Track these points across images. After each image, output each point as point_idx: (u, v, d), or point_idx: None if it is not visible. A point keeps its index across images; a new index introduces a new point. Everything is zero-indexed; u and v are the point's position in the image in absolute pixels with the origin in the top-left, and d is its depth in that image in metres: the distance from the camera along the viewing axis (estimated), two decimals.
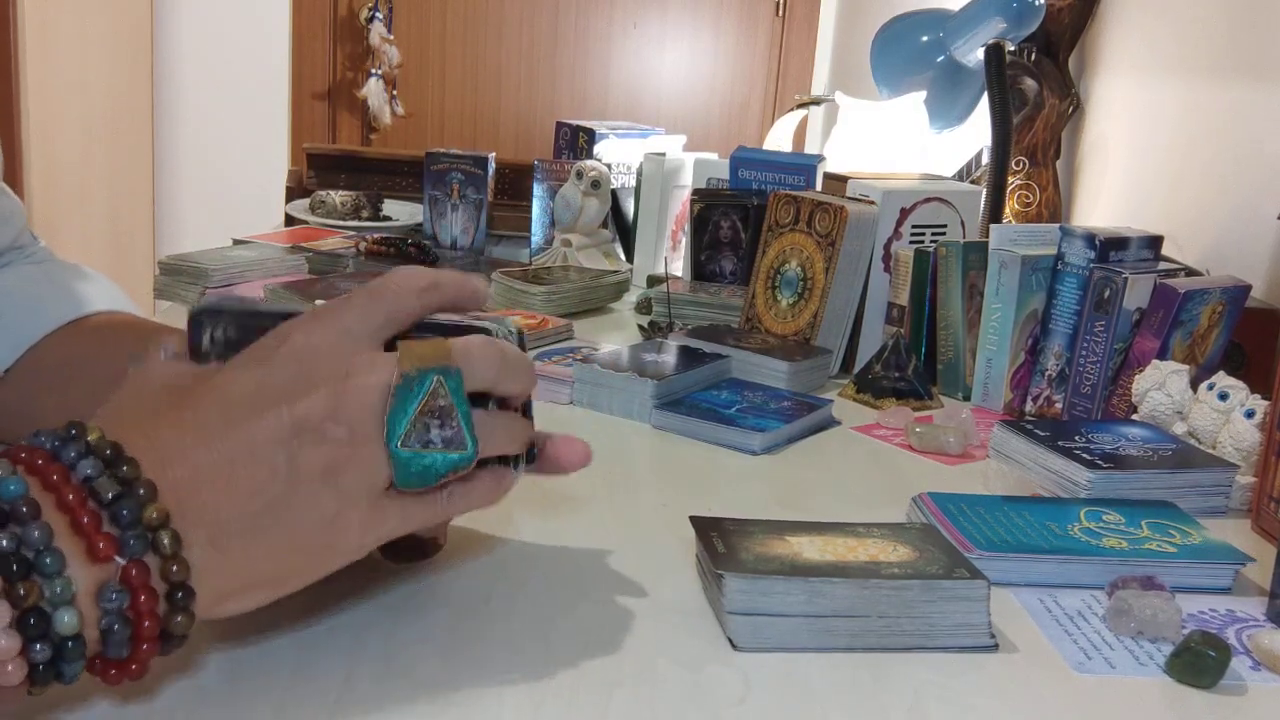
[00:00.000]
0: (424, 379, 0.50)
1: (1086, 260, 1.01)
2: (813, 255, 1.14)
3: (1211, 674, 0.59)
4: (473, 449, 0.51)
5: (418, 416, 0.50)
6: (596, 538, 0.72)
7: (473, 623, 0.59)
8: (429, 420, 0.50)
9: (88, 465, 0.44)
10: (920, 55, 1.55)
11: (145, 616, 0.44)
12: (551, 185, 1.59)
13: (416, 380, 0.50)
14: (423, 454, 0.50)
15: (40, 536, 0.42)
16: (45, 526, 0.42)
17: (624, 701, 0.53)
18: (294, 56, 3.70)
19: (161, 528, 0.44)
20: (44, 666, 0.42)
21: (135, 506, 0.44)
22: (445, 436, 0.51)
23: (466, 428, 0.51)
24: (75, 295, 0.75)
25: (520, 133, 3.83)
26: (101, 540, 0.43)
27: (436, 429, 0.51)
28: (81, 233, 2.98)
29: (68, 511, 0.43)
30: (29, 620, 0.41)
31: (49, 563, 0.42)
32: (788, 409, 0.98)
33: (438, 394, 0.50)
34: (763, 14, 3.83)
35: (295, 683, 0.52)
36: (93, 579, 0.43)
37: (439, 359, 0.51)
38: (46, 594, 0.41)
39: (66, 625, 0.42)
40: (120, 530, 0.44)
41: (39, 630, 0.41)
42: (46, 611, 0.41)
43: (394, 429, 0.50)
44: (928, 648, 0.60)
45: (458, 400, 0.51)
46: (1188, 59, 1.38)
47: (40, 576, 0.42)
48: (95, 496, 0.44)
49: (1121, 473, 0.82)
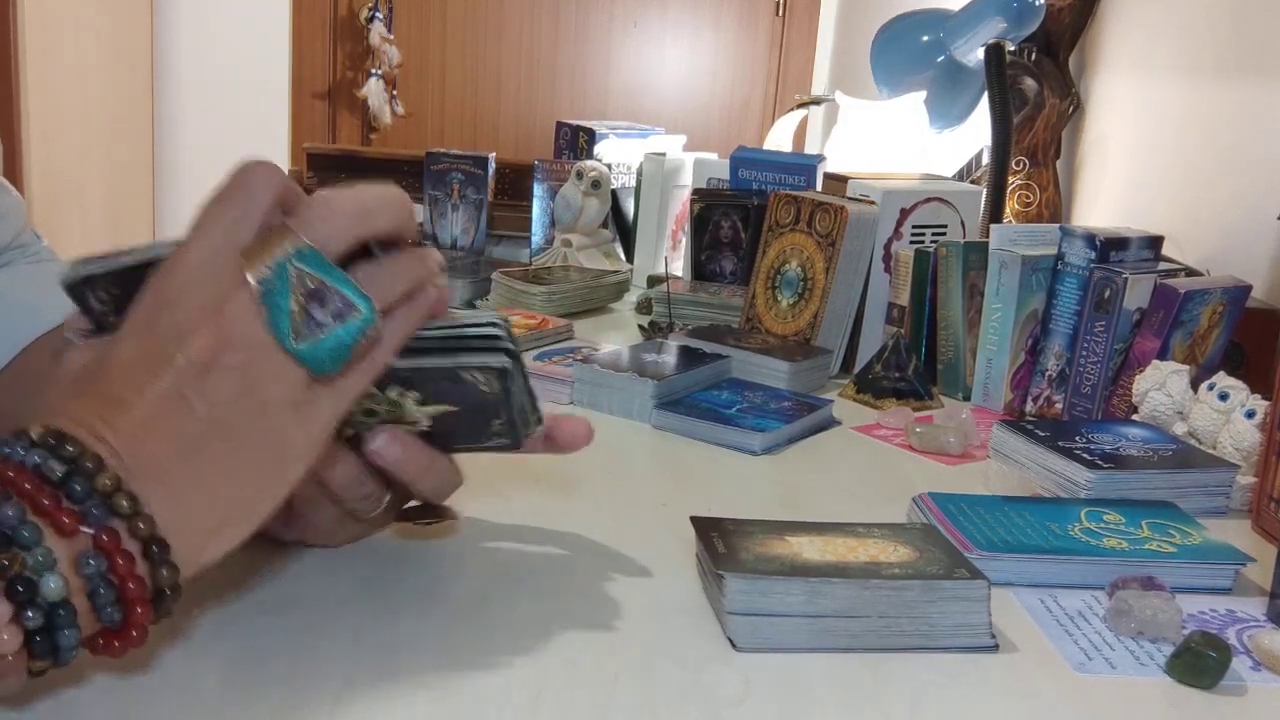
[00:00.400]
0: (280, 271, 0.49)
1: (1087, 260, 1.01)
2: (813, 255, 1.14)
3: (1212, 674, 0.59)
4: (368, 307, 0.51)
5: (296, 309, 0.49)
6: (596, 538, 0.72)
7: (473, 623, 0.59)
8: (308, 306, 0.50)
9: (35, 454, 0.45)
10: (920, 55, 1.55)
11: (128, 578, 0.45)
12: (552, 185, 1.59)
13: (274, 277, 0.49)
14: (322, 339, 0.50)
15: (14, 514, 0.43)
16: (18, 505, 0.43)
17: (624, 701, 0.53)
18: (294, 56, 3.70)
19: (116, 491, 0.45)
20: (40, 636, 0.43)
21: (85, 479, 0.45)
22: (333, 311, 0.50)
23: (351, 291, 0.50)
24: None
25: (520, 133, 3.83)
26: (65, 515, 0.44)
27: (319, 310, 0.50)
28: (81, 233, 2.98)
29: (26, 497, 0.44)
30: (16, 587, 0.42)
31: (26, 535, 0.43)
32: (788, 409, 0.98)
33: (302, 278, 0.49)
34: (763, 13, 3.83)
35: (295, 683, 0.52)
36: (69, 551, 0.44)
37: (283, 244, 0.50)
38: (29, 562, 0.43)
39: (53, 590, 0.43)
40: (78, 503, 0.45)
41: (27, 595, 0.42)
42: (32, 579, 0.43)
43: (280, 332, 0.49)
44: (928, 648, 0.60)
45: (325, 272, 0.50)
46: (1188, 59, 1.38)
47: (20, 548, 0.43)
48: (46, 478, 0.45)
49: (1122, 473, 0.82)
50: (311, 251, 0.50)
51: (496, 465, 0.83)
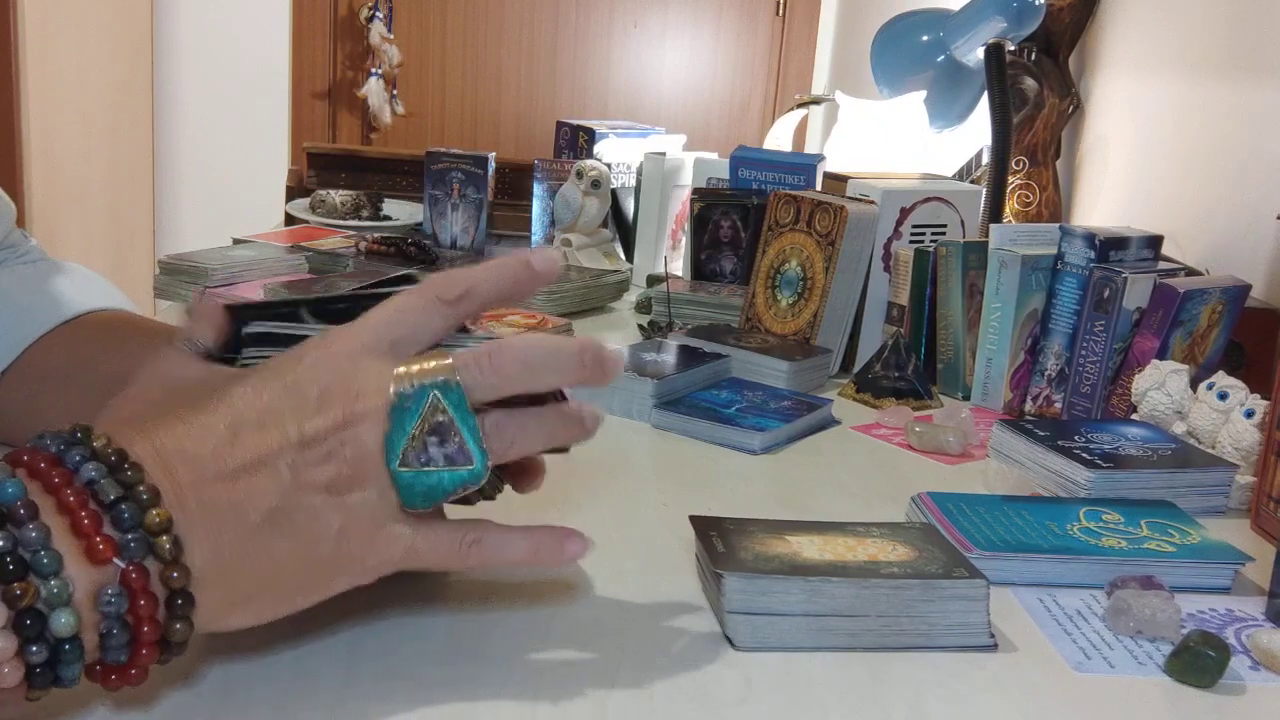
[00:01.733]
0: (421, 396, 0.49)
1: (1086, 260, 1.02)
2: (813, 255, 1.14)
3: (1211, 673, 0.59)
4: (481, 464, 0.50)
5: (416, 435, 0.49)
6: (596, 538, 0.72)
7: (473, 623, 0.59)
8: (428, 438, 0.49)
9: (91, 468, 0.44)
10: (920, 55, 1.55)
11: (144, 621, 0.43)
12: (552, 185, 1.59)
13: (413, 398, 0.49)
14: (425, 473, 0.49)
15: (37, 537, 0.41)
16: (43, 527, 0.42)
17: (624, 701, 0.53)
18: (294, 56, 3.70)
19: (163, 533, 0.44)
20: (41, 668, 0.42)
21: (137, 510, 0.43)
22: (447, 454, 0.49)
23: (472, 441, 0.50)
24: (70, 294, 0.75)
25: (520, 132, 3.83)
26: (101, 541, 0.42)
27: (436, 447, 0.49)
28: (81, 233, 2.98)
29: (68, 513, 0.43)
30: (25, 621, 0.41)
31: (45, 562, 0.41)
32: (787, 408, 0.98)
33: (436, 410, 0.49)
34: (763, 13, 3.83)
35: (295, 683, 0.52)
36: (91, 581, 0.43)
37: (436, 373, 0.49)
38: (43, 594, 0.41)
39: (63, 626, 0.41)
40: (120, 533, 0.43)
41: (35, 631, 0.41)
42: (43, 612, 0.41)
43: (392, 450, 0.49)
44: (927, 647, 0.60)
45: (459, 414, 0.49)
46: (1188, 58, 1.38)
47: (37, 576, 0.41)
48: (97, 499, 0.43)
49: (1121, 472, 0.82)
50: (458, 389, 0.49)
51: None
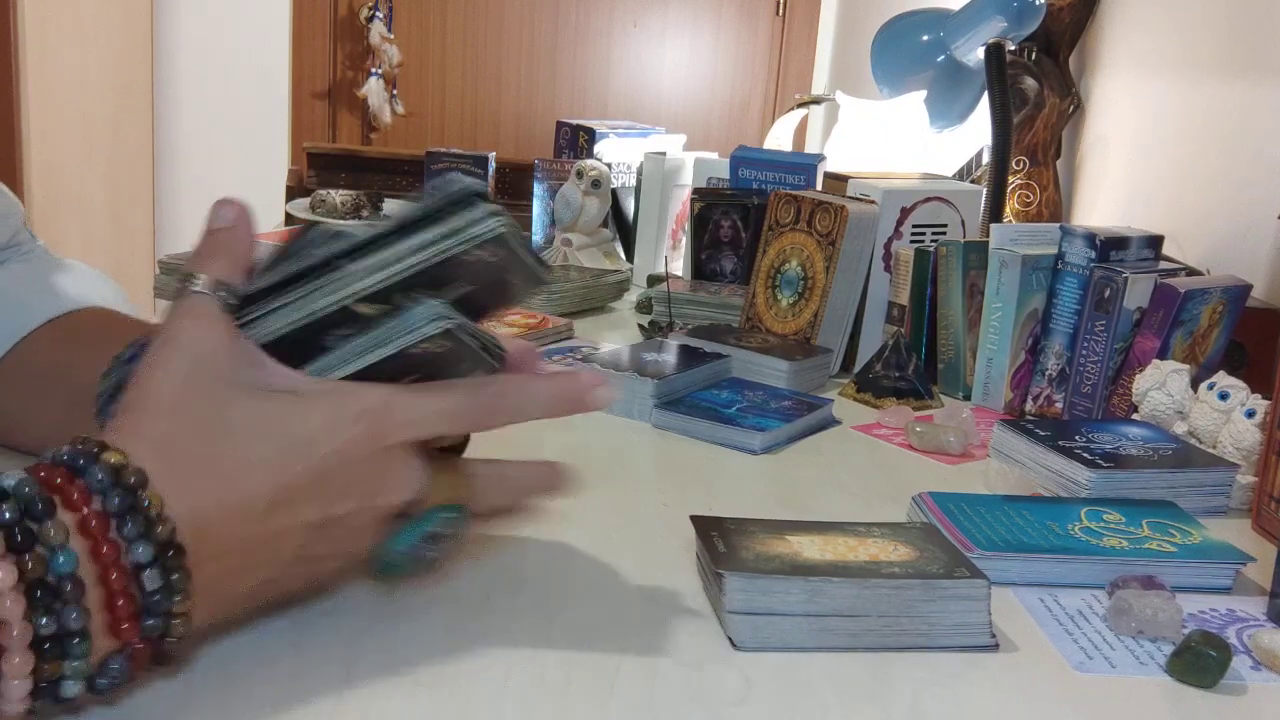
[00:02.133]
0: (430, 517, 0.54)
1: (1087, 260, 1.01)
2: (813, 254, 1.14)
3: (1212, 673, 0.59)
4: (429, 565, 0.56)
5: (418, 543, 0.54)
6: (596, 537, 0.72)
7: (473, 622, 0.59)
8: (425, 545, 0.54)
9: (142, 550, 0.45)
10: (921, 54, 1.55)
11: (135, 673, 0.47)
12: (552, 184, 1.59)
13: (429, 514, 0.54)
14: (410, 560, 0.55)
15: (77, 620, 0.43)
16: (85, 612, 0.43)
17: (624, 701, 0.53)
18: (294, 56, 3.70)
19: (182, 616, 0.46)
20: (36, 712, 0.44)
21: (168, 598, 0.45)
22: (433, 553, 0.55)
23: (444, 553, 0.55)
24: (60, 292, 0.74)
25: (520, 132, 3.83)
26: (127, 623, 0.45)
27: (428, 550, 0.55)
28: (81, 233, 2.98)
29: (108, 589, 0.44)
30: (41, 685, 0.43)
31: (77, 645, 0.43)
32: (788, 408, 0.98)
33: (440, 528, 0.54)
34: (763, 13, 3.83)
35: (295, 683, 0.52)
36: (104, 649, 0.45)
37: (452, 498, 0.55)
38: (66, 673, 0.44)
39: (69, 691, 0.44)
40: (147, 615, 0.45)
41: (48, 694, 0.44)
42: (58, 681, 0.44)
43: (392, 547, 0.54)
44: (928, 647, 0.60)
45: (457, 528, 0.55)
46: (1189, 58, 1.38)
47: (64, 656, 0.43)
48: (138, 582, 0.45)
49: (1122, 472, 0.82)
50: (465, 510, 0.55)
51: None
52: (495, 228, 0.52)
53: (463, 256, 0.52)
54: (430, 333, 0.52)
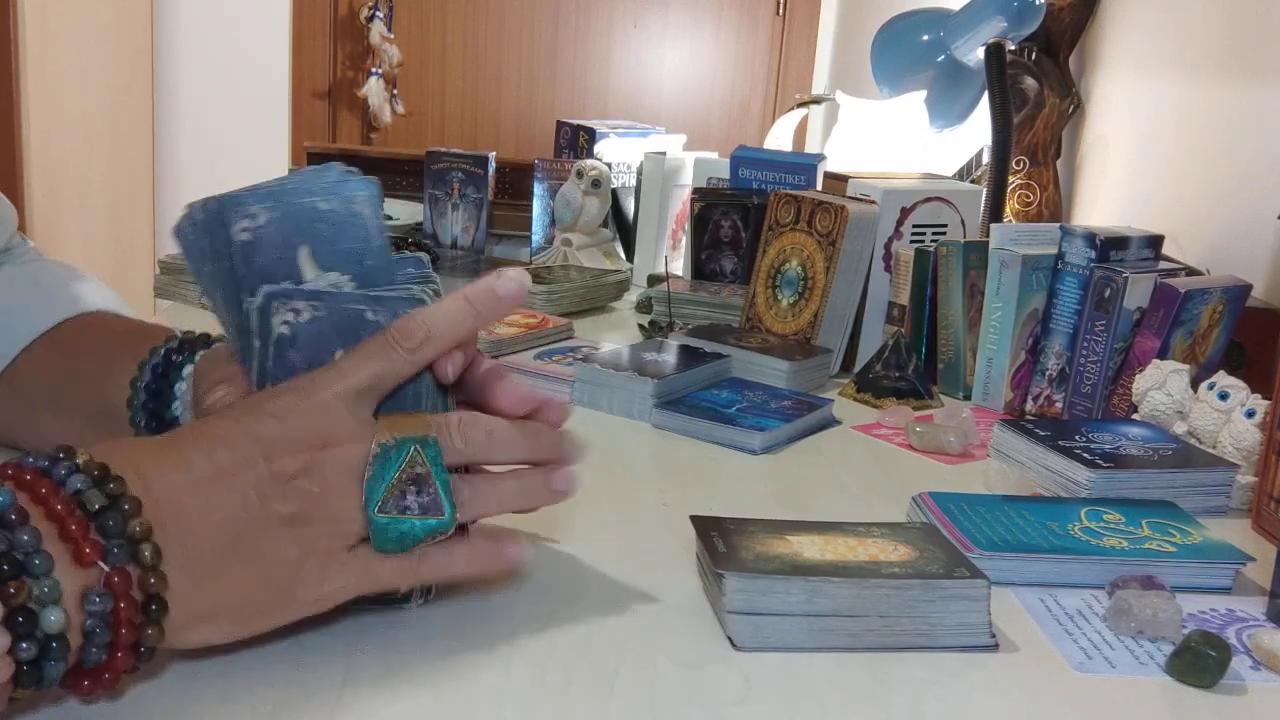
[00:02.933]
0: (402, 449, 0.53)
1: (1087, 260, 1.01)
2: (813, 254, 1.14)
3: (1212, 673, 0.59)
4: (450, 515, 0.53)
5: (395, 484, 0.52)
6: (596, 537, 0.72)
7: (473, 623, 0.59)
8: (406, 488, 0.53)
9: (77, 480, 0.46)
10: (921, 54, 1.55)
11: (124, 624, 0.46)
12: (552, 184, 1.59)
13: (394, 450, 0.52)
14: (400, 519, 0.53)
15: (29, 540, 0.43)
16: (34, 530, 0.44)
17: (624, 701, 0.53)
18: (294, 56, 3.70)
19: (144, 540, 0.46)
20: (29, 666, 0.43)
21: (121, 518, 0.46)
22: (422, 503, 0.53)
23: (444, 494, 0.53)
24: (62, 297, 0.74)
25: (521, 132, 3.83)
26: (88, 546, 0.45)
27: (413, 496, 0.53)
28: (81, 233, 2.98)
29: (56, 520, 0.45)
30: (17, 619, 0.42)
31: (38, 563, 0.43)
32: (788, 408, 0.98)
33: (415, 462, 0.53)
34: (763, 13, 3.83)
35: (294, 683, 0.52)
36: (78, 582, 0.45)
37: (417, 430, 0.53)
38: (35, 593, 0.43)
39: (53, 624, 0.43)
40: (105, 539, 0.45)
41: (26, 629, 0.43)
42: (34, 610, 0.43)
43: (371, 496, 0.52)
44: (928, 647, 0.60)
45: (435, 469, 0.53)
46: (1189, 58, 1.38)
47: (29, 577, 0.43)
48: (82, 506, 0.45)
49: (1122, 472, 0.82)
50: (435, 445, 0.53)
51: None
52: None
53: None
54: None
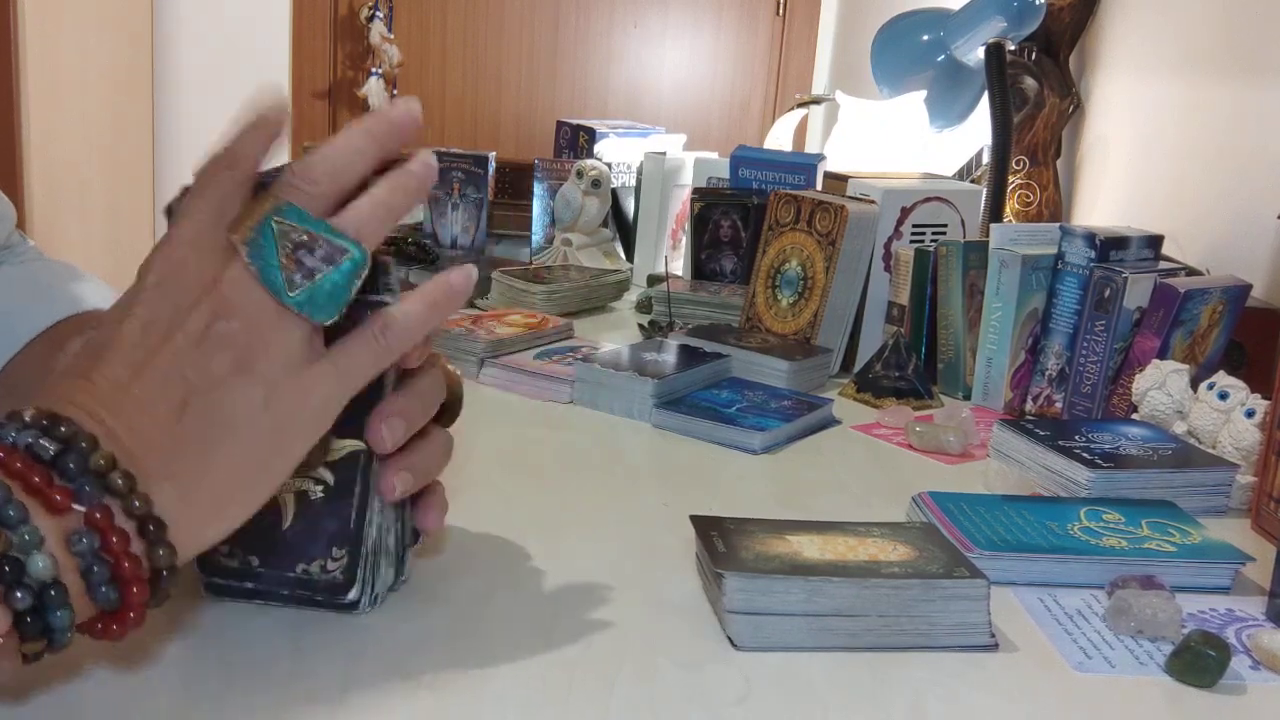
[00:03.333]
0: (264, 229, 0.50)
1: (1087, 259, 1.01)
2: (813, 254, 1.14)
3: (1211, 673, 0.59)
4: (357, 249, 0.51)
5: (285, 262, 0.50)
6: (597, 537, 0.72)
7: (473, 622, 0.59)
8: (298, 256, 0.50)
9: (27, 435, 0.45)
10: (921, 54, 1.55)
11: (122, 557, 0.45)
12: (552, 184, 1.59)
13: (260, 236, 0.50)
14: (315, 284, 0.50)
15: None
16: (2, 485, 0.43)
17: (624, 700, 0.53)
18: (294, 56, 3.70)
19: (111, 470, 0.45)
20: (31, 618, 0.43)
21: (80, 457, 0.45)
22: (322, 257, 0.50)
23: (335, 237, 0.51)
24: (62, 296, 0.74)
25: (521, 132, 3.83)
26: (56, 493, 0.44)
27: (309, 257, 0.50)
28: (81, 233, 2.98)
29: (16, 476, 0.44)
30: (3, 568, 0.42)
31: (12, 515, 0.42)
32: (788, 408, 0.98)
33: (287, 233, 0.50)
34: (763, 13, 3.83)
35: (295, 683, 0.52)
36: (59, 529, 0.44)
37: (264, 207, 0.51)
38: (15, 542, 0.42)
39: (42, 570, 0.43)
40: (71, 481, 0.44)
41: (14, 576, 0.42)
42: (19, 559, 0.42)
43: (275, 286, 0.50)
44: (928, 647, 0.60)
45: (310, 224, 0.50)
46: (1189, 58, 1.38)
47: (5, 529, 0.42)
48: (38, 458, 0.45)
49: (1121, 472, 0.82)
50: (290, 206, 0.50)
51: (497, 465, 0.83)
52: None
53: None
54: None
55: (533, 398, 1.01)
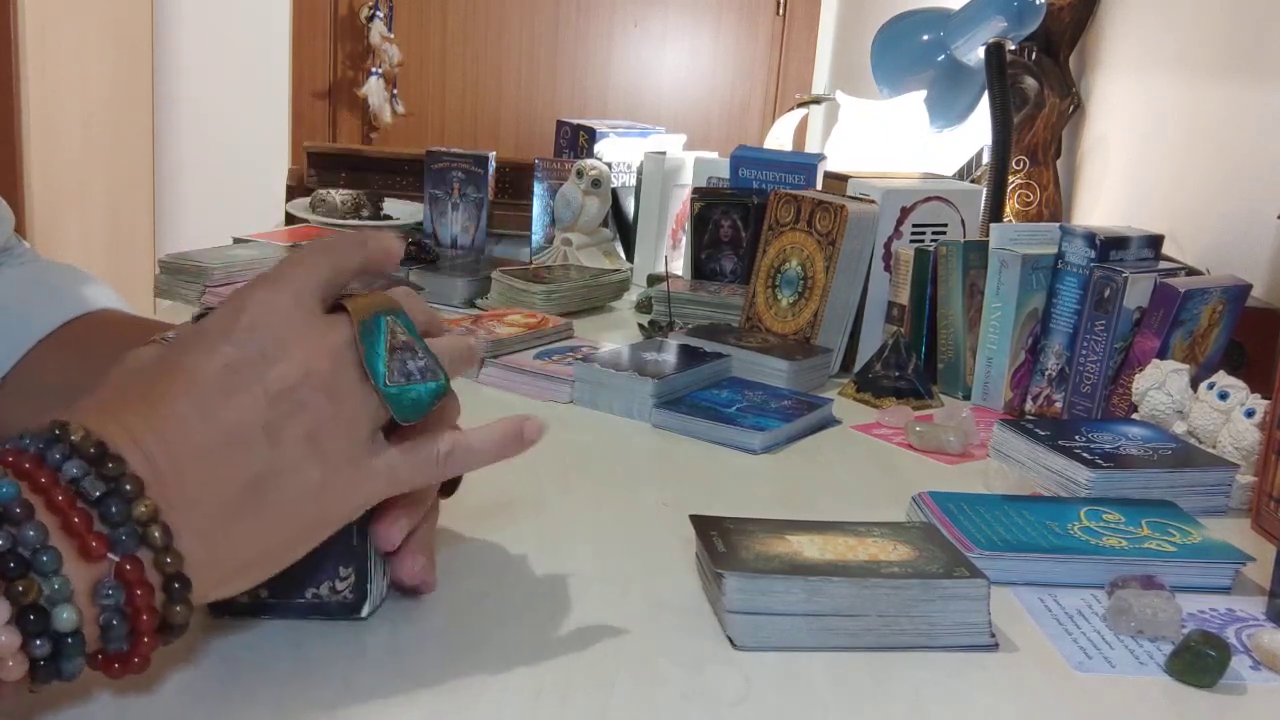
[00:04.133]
0: (378, 322, 0.52)
1: (1087, 259, 1.01)
2: (813, 254, 1.14)
3: (1211, 673, 0.59)
4: (444, 377, 0.54)
5: (391, 354, 0.52)
6: (596, 537, 0.72)
7: (472, 622, 0.59)
8: (402, 355, 0.52)
9: (74, 466, 0.44)
10: (921, 54, 1.55)
11: (143, 610, 0.44)
12: (552, 184, 1.59)
13: (373, 324, 0.52)
14: (408, 387, 0.52)
15: (36, 535, 0.42)
16: (40, 526, 0.42)
17: (624, 700, 0.53)
18: (294, 55, 3.70)
19: (151, 522, 0.45)
20: (45, 662, 0.42)
21: (123, 503, 0.44)
22: (420, 367, 0.53)
23: (433, 357, 0.54)
24: (68, 297, 0.73)
25: (521, 131, 3.83)
26: (93, 539, 0.43)
27: (411, 361, 0.53)
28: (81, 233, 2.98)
29: (58, 513, 0.43)
30: (28, 617, 0.41)
31: (45, 560, 0.42)
32: (788, 408, 0.98)
33: (396, 332, 0.53)
34: (763, 13, 3.83)
35: (294, 683, 0.52)
36: (88, 576, 0.43)
37: (383, 303, 0.53)
38: (45, 591, 0.42)
39: (65, 621, 0.42)
40: (111, 528, 0.44)
41: (39, 626, 0.42)
42: (45, 608, 0.42)
43: (376, 370, 0.51)
44: (928, 647, 0.60)
45: (414, 336, 0.53)
46: (1188, 58, 1.38)
47: (38, 575, 0.42)
48: (83, 496, 0.44)
49: (1121, 472, 0.82)
50: (403, 313, 0.53)
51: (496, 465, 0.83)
52: None
53: None
54: None
55: (533, 398, 1.01)
